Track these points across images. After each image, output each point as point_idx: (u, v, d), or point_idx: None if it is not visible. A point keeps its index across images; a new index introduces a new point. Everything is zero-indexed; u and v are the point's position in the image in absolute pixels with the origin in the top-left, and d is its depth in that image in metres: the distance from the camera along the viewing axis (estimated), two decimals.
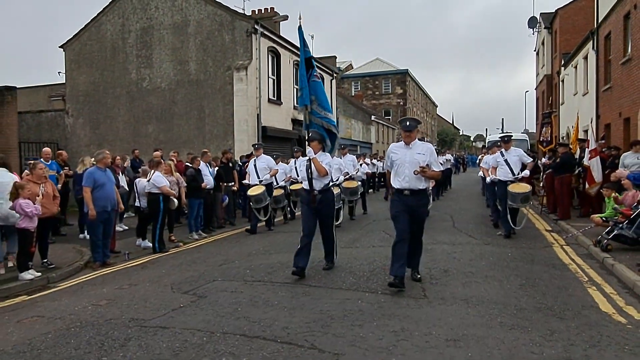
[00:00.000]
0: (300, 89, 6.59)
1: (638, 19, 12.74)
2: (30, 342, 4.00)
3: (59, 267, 7.19)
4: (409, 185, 5.25)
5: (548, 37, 28.93)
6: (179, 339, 3.88)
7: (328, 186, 6.25)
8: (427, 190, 5.45)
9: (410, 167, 5.24)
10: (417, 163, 5.21)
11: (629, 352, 3.59)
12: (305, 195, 6.21)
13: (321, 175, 6.04)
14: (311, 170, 6.02)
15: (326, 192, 6.18)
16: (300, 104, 6.63)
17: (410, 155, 5.30)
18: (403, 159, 5.32)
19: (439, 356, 3.49)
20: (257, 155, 10.28)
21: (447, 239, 8.47)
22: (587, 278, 5.85)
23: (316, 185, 6.04)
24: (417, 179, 5.23)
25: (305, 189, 6.18)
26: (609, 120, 15.71)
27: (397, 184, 5.35)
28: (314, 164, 6.02)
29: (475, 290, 5.23)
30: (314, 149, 6.15)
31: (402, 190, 5.29)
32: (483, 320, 4.26)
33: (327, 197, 6.18)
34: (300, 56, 6.64)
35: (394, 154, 5.44)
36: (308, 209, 6.12)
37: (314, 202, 6.01)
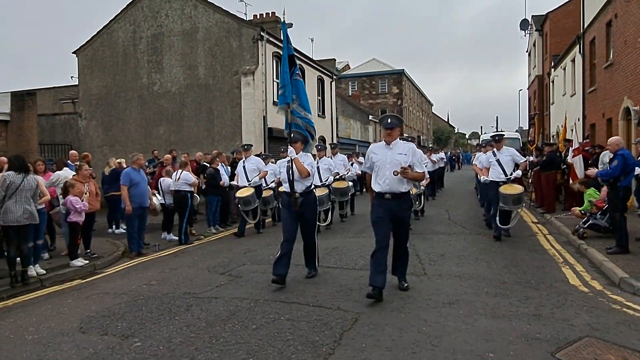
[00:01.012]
0: (282, 86, 6.28)
1: (619, 27, 13.78)
2: (109, 309, 4.97)
3: (101, 257, 8.14)
4: (390, 188, 4.93)
5: (539, 39, 30.03)
6: (231, 304, 4.86)
7: (310, 188, 5.92)
8: (409, 193, 5.13)
9: (391, 168, 4.92)
10: (398, 164, 4.89)
11: (586, 310, 4.58)
12: (286, 198, 5.95)
13: (303, 177, 5.76)
14: (292, 171, 5.76)
15: (308, 194, 5.86)
16: (282, 102, 6.31)
17: (391, 156, 5.00)
18: (384, 160, 5.00)
19: (437, 314, 4.49)
20: (246, 157, 10.26)
21: (443, 230, 9.48)
22: (563, 260, 6.87)
23: (297, 187, 5.77)
24: (398, 181, 4.90)
25: (286, 192, 5.90)
26: (594, 121, 16.78)
27: (377, 187, 5.04)
28: (296, 164, 5.75)
29: (467, 269, 6.24)
30: (297, 149, 5.88)
31: (383, 194, 4.97)
32: (472, 290, 5.26)
33: (309, 200, 5.85)
34: (283, 53, 6.37)
35: (374, 155, 5.13)
36: (289, 213, 5.82)
37: (295, 205, 5.72)
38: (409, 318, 4.39)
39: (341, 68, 50.60)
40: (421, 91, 61.02)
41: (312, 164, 5.95)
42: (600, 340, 3.84)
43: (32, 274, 6.70)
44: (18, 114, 15.20)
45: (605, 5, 14.84)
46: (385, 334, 4.00)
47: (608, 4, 14.59)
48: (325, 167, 10.13)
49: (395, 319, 4.35)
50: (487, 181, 8.67)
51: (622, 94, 13.33)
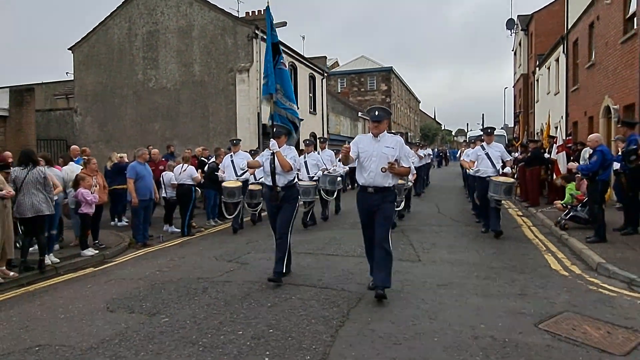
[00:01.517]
0: (266, 76, 6.00)
1: (600, 29, 14.41)
2: (129, 292, 5.37)
3: (109, 247, 8.49)
4: (374, 181, 4.84)
5: (524, 38, 30.74)
6: (244, 286, 5.30)
7: (292, 182, 5.82)
8: (393, 187, 5.00)
9: (377, 161, 4.82)
10: (385, 157, 4.78)
11: (565, 291, 5.10)
12: (267, 192, 5.86)
13: (285, 171, 5.64)
14: (274, 165, 5.64)
15: (290, 188, 5.76)
16: (265, 92, 6.06)
17: (378, 149, 4.88)
18: (370, 153, 4.89)
19: (433, 293, 4.98)
20: (234, 152, 10.14)
21: (434, 222, 10.00)
22: (546, 248, 7.41)
23: (279, 181, 5.66)
24: (383, 175, 4.81)
25: (268, 185, 5.80)
26: (577, 119, 17.46)
27: (361, 180, 4.97)
28: (278, 158, 5.62)
29: (458, 256, 6.75)
30: (280, 143, 5.75)
31: (366, 188, 4.91)
32: (463, 274, 5.76)
33: (290, 194, 5.75)
34: (267, 40, 6.09)
35: (361, 146, 5.00)
36: (272, 208, 5.78)
37: (276, 199, 5.66)
38: (408, 297, 4.86)
39: (330, 65, 51.02)
40: (409, 88, 61.69)
41: (294, 158, 5.81)
42: (578, 314, 4.34)
43: (48, 262, 7.05)
44: (16, 109, 15.37)
45: (588, 8, 15.47)
46: (388, 310, 4.47)
47: (590, 6, 15.21)
48: (313, 163, 10.27)
49: (395, 298, 4.82)
50: (476, 171, 8.49)
51: (603, 93, 13.96)
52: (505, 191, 8.03)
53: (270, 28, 6.15)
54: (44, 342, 3.93)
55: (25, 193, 6.56)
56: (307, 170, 10.08)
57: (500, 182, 8.01)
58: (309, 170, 10.09)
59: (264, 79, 6.06)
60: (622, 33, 12.32)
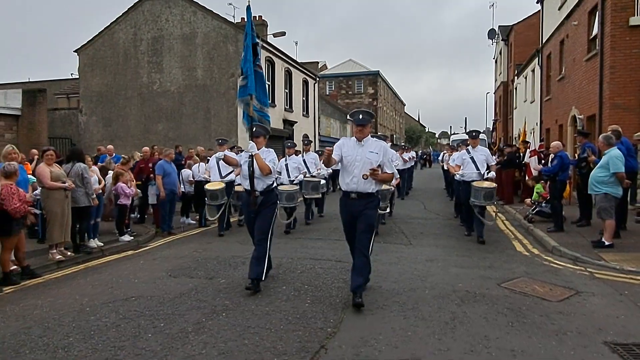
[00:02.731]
0: (245, 76, 5.78)
1: (569, 46, 16.08)
2: (181, 265, 6.67)
3: (139, 235, 9.74)
4: (357, 187, 4.77)
5: (505, 48, 32.56)
6: (274, 261, 6.62)
7: (271, 187, 5.64)
8: (376, 193, 4.94)
9: (361, 167, 4.74)
10: (369, 163, 4.70)
11: (524, 265, 6.55)
12: (245, 196, 5.68)
13: (264, 174, 5.45)
14: (253, 168, 5.46)
15: (269, 193, 5.58)
16: (243, 94, 5.81)
17: (361, 154, 4.79)
18: (354, 158, 4.81)
19: (423, 265, 6.41)
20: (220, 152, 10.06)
21: (421, 216, 11.46)
22: (514, 236, 8.90)
23: (258, 185, 5.50)
24: (366, 181, 4.73)
25: (246, 189, 5.62)
26: (549, 126, 19.16)
27: (344, 186, 4.91)
28: (257, 160, 5.44)
29: (441, 241, 8.20)
30: (259, 144, 5.61)
31: (349, 193, 4.84)
32: (446, 253, 7.21)
33: (269, 199, 5.58)
34: (247, 40, 5.84)
35: (344, 150, 4.90)
36: (250, 213, 5.63)
37: (254, 204, 5.48)
38: (404, 267, 6.29)
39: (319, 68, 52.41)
40: (394, 91, 63.46)
41: (274, 160, 5.63)
42: (531, 279, 5.80)
43: (93, 246, 8.28)
44: (29, 109, 16.48)
45: (559, 26, 17.15)
46: (390, 275, 5.88)
47: (561, 25, 16.88)
48: (294, 166, 10.04)
49: (395, 267, 6.24)
50: (461, 175, 8.44)
51: (570, 104, 15.62)
52: (485, 196, 7.92)
53: (251, 28, 5.91)
54: (137, 295, 5.23)
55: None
56: (287, 174, 9.92)
57: (480, 188, 7.92)
58: (290, 173, 9.93)
59: (243, 80, 5.82)
60: (586, 51, 13.96)
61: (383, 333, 4.01)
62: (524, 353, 3.62)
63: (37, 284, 6.15)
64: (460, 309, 4.64)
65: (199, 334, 3.99)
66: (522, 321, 4.31)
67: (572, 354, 3.62)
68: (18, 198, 6.17)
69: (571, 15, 15.43)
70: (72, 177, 7.60)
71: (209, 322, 4.26)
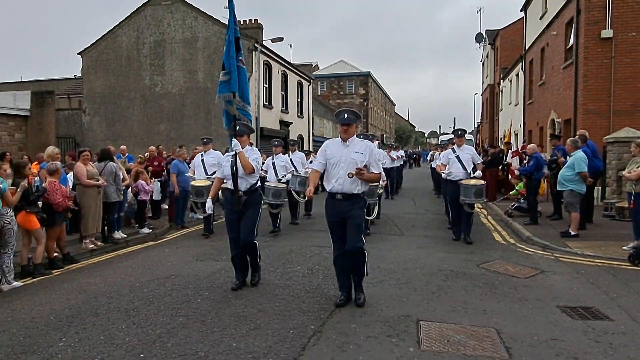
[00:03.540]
0: (227, 72, 5.58)
1: (549, 54, 17.26)
2: (204, 252, 7.63)
3: (155, 228, 10.67)
4: (342, 188, 4.68)
5: (491, 51, 33.81)
6: (285, 248, 7.64)
7: (255, 187, 5.57)
8: (363, 194, 4.85)
9: (345, 167, 4.65)
10: (354, 163, 4.62)
11: (501, 251, 7.62)
12: (228, 195, 5.57)
13: (247, 173, 5.39)
14: (236, 167, 5.38)
15: (252, 193, 5.51)
16: (224, 90, 5.58)
17: (346, 154, 4.71)
18: (338, 158, 4.72)
19: (414, 251, 7.45)
20: (205, 151, 9.88)
21: (412, 211, 12.54)
22: (494, 229, 9.99)
23: (241, 185, 5.41)
24: (352, 182, 4.65)
25: (230, 189, 5.51)
26: (531, 128, 20.37)
27: (329, 187, 4.80)
28: (240, 159, 5.35)
29: (430, 233, 9.26)
30: (242, 143, 5.50)
31: (334, 195, 4.74)
32: (434, 242, 8.26)
33: (253, 199, 5.51)
34: (229, 34, 5.67)
35: (329, 152, 4.83)
36: (232, 213, 5.52)
37: (238, 204, 5.40)
38: (398, 253, 7.33)
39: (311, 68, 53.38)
40: (385, 92, 64.66)
41: (257, 159, 5.56)
42: (505, 261, 6.86)
43: (119, 237, 9.20)
44: (38, 110, 17.26)
45: (540, 35, 18.33)
46: (387, 258, 6.92)
47: (542, 34, 18.07)
48: (282, 165, 10.01)
49: (390, 253, 7.29)
50: (447, 174, 8.43)
51: (550, 108, 16.81)
52: (476, 194, 7.94)
53: (233, 22, 5.74)
54: (175, 273, 6.20)
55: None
56: (275, 172, 9.87)
57: (470, 185, 7.93)
58: (277, 172, 9.89)
59: (225, 76, 5.60)
60: (563, 60, 15.14)
61: (383, 299, 5.03)
62: (493, 312, 4.66)
63: (79, 267, 7.09)
64: (445, 282, 5.68)
65: (238, 298, 5.00)
66: (494, 292, 5.36)
67: (531, 313, 4.66)
68: (61, 194, 7.11)
69: (551, 25, 16.61)
70: (105, 175, 8.54)
71: (243, 292, 5.26)
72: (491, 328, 4.23)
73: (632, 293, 5.29)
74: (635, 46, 12.70)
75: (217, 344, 3.86)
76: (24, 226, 6.55)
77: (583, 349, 3.80)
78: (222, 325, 4.30)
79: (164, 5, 20.51)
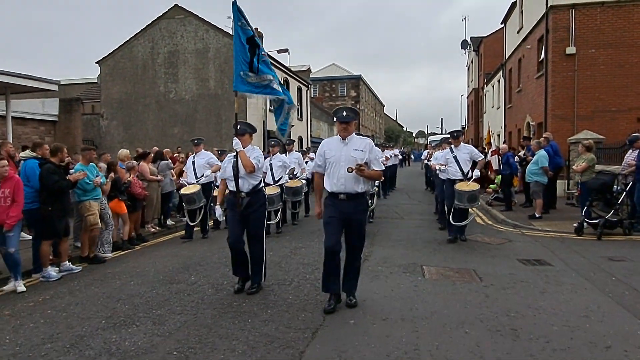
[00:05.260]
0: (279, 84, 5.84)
1: (525, 64, 19.54)
2: None
3: None
4: (345, 188, 4.57)
5: (476, 57, 36.14)
6: (295, 238, 9.68)
7: (258, 187, 5.44)
8: (366, 194, 4.75)
9: (346, 166, 4.54)
10: (354, 161, 4.52)
11: (480, 229, 9.75)
12: (231, 198, 5.42)
13: (248, 172, 5.25)
14: (238, 167, 5.26)
15: (256, 194, 5.37)
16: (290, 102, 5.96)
17: (346, 152, 4.60)
18: (338, 157, 4.61)
19: (412, 230, 9.57)
20: (196, 152, 9.62)
21: (407, 202, 14.68)
22: (477, 214, 12.14)
23: (243, 186, 5.29)
24: (354, 180, 4.54)
25: (232, 190, 5.38)
26: (511, 130, 22.66)
27: (330, 187, 4.67)
28: (241, 158, 5.25)
29: (425, 217, 11.41)
30: (244, 142, 5.39)
31: (337, 194, 4.61)
32: (428, 224, 10.40)
33: (256, 200, 5.35)
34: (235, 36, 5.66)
35: (328, 151, 4.71)
36: (234, 215, 5.37)
37: (239, 205, 5.27)
38: (401, 230, 9.46)
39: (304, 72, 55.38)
40: (375, 93, 66.98)
41: (259, 158, 5.41)
42: (483, 235, 9.00)
43: (170, 224, 11.16)
44: (66, 116, 19.12)
45: (518, 47, 20.61)
46: (394, 233, 9.03)
47: (519, 46, 20.34)
48: (279, 165, 9.76)
49: (395, 229, 9.41)
50: (444, 171, 8.58)
51: (526, 112, 19.08)
52: (469, 199, 7.97)
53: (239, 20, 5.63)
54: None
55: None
56: (272, 173, 9.68)
57: (463, 191, 7.93)
58: (274, 172, 9.70)
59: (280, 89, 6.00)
60: (536, 71, 17.39)
61: (397, 255, 7.16)
62: (472, 262, 6.77)
63: (151, 245, 9.06)
64: (439, 246, 7.82)
65: (291, 259, 7.05)
66: (473, 251, 7.48)
67: (498, 262, 6.77)
68: (139, 185, 9.09)
69: (526, 39, 18.87)
70: (162, 170, 10.53)
71: (293, 253, 7.33)
72: (470, 269, 6.34)
73: (570, 252, 7.45)
74: (594, 61, 14.98)
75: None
76: (115, 211, 8.50)
77: (528, 278, 5.92)
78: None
79: (177, 19, 22.41)
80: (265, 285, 5.61)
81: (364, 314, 4.55)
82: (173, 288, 5.64)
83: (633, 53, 14.83)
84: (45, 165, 6.72)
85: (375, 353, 3.67)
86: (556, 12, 15.27)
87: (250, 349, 3.78)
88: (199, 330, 4.17)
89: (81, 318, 4.58)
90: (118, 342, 3.93)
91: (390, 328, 4.19)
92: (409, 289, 5.41)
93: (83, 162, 7.60)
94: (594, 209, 8.91)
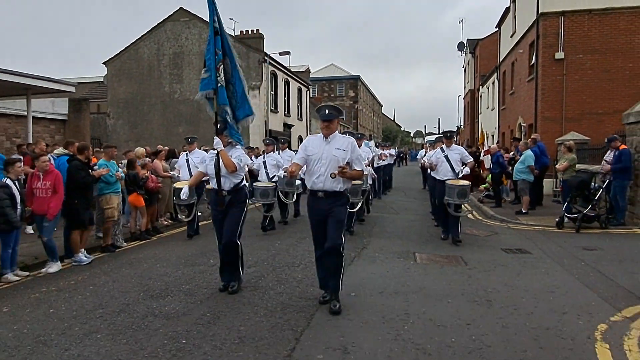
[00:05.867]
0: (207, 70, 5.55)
1: (517, 68, 20.34)
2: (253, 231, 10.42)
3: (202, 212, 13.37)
4: (324, 186, 4.60)
5: (472, 59, 36.95)
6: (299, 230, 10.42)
7: (240, 186, 5.43)
8: (345, 192, 4.74)
9: (327, 164, 4.57)
10: (336, 160, 4.55)
11: (470, 223, 10.53)
12: (213, 196, 5.47)
13: (230, 172, 5.25)
14: (219, 166, 5.28)
15: (237, 192, 5.38)
16: (208, 87, 5.57)
17: (328, 151, 4.61)
18: (319, 155, 4.63)
19: (408, 222, 10.35)
20: (190, 150, 9.77)
21: (403, 199, 15.48)
22: (469, 211, 12.94)
23: (225, 184, 5.30)
24: (334, 179, 4.57)
25: (214, 189, 5.41)
26: (504, 130, 23.46)
27: (310, 184, 4.73)
28: (222, 157, 5.27)
29: (419, 213, 12.19)
30: (224, 141, 5.40)
31: (315, 192, 4.68)
32: (422, 218, 11.18)
33: (237, 198, 5.37)
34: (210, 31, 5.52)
35: (310, 148, 4.73)
36: (217, 213, 5.43)
37: (221, 204, 5.30)
38: (397, 224, 10.23)
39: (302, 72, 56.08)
40: (373, 94, 67.76)
41: (240, 157, 5.41)
42: (473, 228, 9.78)
43: (182, 217, 11.91)
44: (75, 115, 19.85)
45: (510, 51, 21.41)
46: (389, 226, 9.80)
47: (512, 51, 21.14)
48: (273, 163, 9.77)
49: (391, 223, 10.18)
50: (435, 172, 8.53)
51: (518, 114, 19.88)
52: (459, 194, 7.97)
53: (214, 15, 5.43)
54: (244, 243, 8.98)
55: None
56: (266, 171, 9.76)
57: (453, 186, 7.98)
58: (268, 170, 9.75)
59: (205, 73, 5.60)
60: (528, 75, 18.19)
61: (392, 244, 7.95)
62: (459, 250, 7.55)
63: (166, 236, 9.81)
64: (431, 238, 8.62)
65: (297, 246, 7.83)
66: (462, 243, 8.25)
67: (483, 251, 7.55)
68: (153, 181, 9.84)
69: (519, 44, 19.68)
70: (173, 167, 11.26)
71: (298, 243, 8.09)
72: (458, 256, 7.12)
73: (550, 242, 8.24)
74: (582, 66, 15.78)
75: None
76: (134, 204, 9.26)
77: (508, 263, 6.70)
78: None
79: (182, 21, 23.14)
80: (276, 267, 6.40)
81: (363, 289, 5.35)
82: (196, 269, 6.41)
83: (618, 58, 15.63)
84: (73, 162, 7.46)
85: (373, 316, 4.44)
86: (546, 18, 16.06)
87: (269, 312, 4.60)
88: (225, 298, 4.95)
89: (121, 292, 5.35)
90: (159, 308, 4.70)
91: (385, 299, 4.98)
92: (402, 271, 6.20)
93: (105, 158, 8.36)
94: (575, 205, 9.70)
